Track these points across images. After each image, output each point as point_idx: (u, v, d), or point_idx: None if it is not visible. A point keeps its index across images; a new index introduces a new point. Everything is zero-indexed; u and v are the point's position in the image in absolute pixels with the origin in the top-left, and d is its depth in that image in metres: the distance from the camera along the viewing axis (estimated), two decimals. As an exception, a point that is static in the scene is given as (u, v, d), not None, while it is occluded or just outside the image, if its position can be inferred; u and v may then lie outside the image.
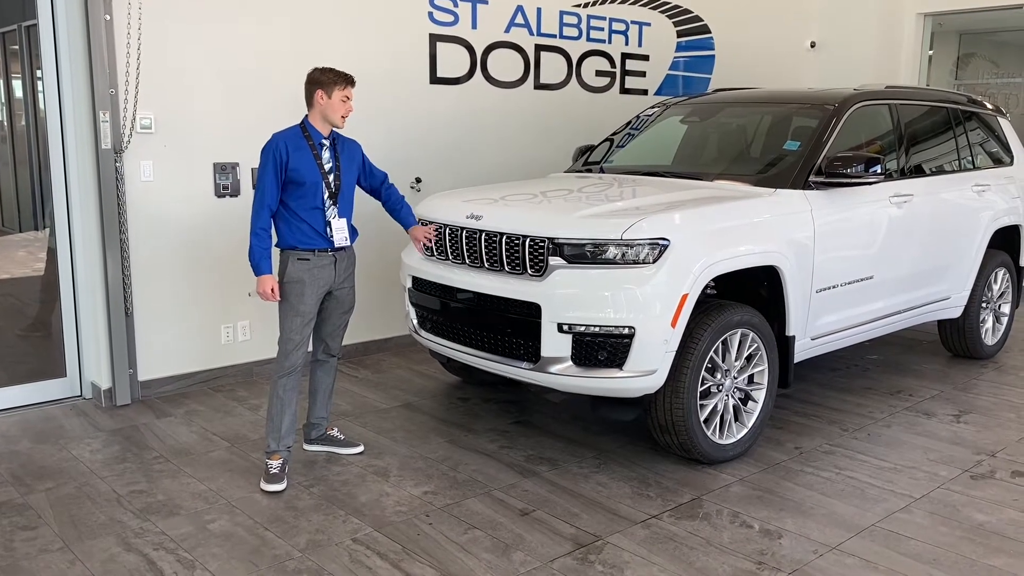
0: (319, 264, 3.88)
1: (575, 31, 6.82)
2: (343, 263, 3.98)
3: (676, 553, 3.31)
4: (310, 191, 3.82)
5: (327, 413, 4.28)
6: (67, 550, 3.28)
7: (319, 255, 3.88)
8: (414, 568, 3.18)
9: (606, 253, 3.83)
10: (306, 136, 3.86)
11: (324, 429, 4.28)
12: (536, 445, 4.39)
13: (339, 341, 4.19)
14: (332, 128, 3.91)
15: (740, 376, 4.20)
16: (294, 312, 3.88)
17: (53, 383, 4.98)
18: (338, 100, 3.84)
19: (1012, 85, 9.07)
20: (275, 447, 3.89)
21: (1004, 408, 5.05)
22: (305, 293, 3.86)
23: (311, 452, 4.24)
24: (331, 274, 3.93)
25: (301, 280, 3.85)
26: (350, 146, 4.06)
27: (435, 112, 6.09)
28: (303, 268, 3.86)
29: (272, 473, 3.85)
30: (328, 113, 3.84)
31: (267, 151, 3.80)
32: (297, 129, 3.89)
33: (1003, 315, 6.18)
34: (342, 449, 4.24)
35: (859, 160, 4.48)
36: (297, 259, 3.86)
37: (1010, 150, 6.18)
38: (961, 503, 3.78)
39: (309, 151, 3.83)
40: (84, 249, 4.86)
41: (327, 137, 3.91)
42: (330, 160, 3.90)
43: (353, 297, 4.13)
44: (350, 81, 3.87)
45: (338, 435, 4.29)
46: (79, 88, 4.69)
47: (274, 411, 3.92)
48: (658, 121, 5.66)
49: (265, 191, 3.79)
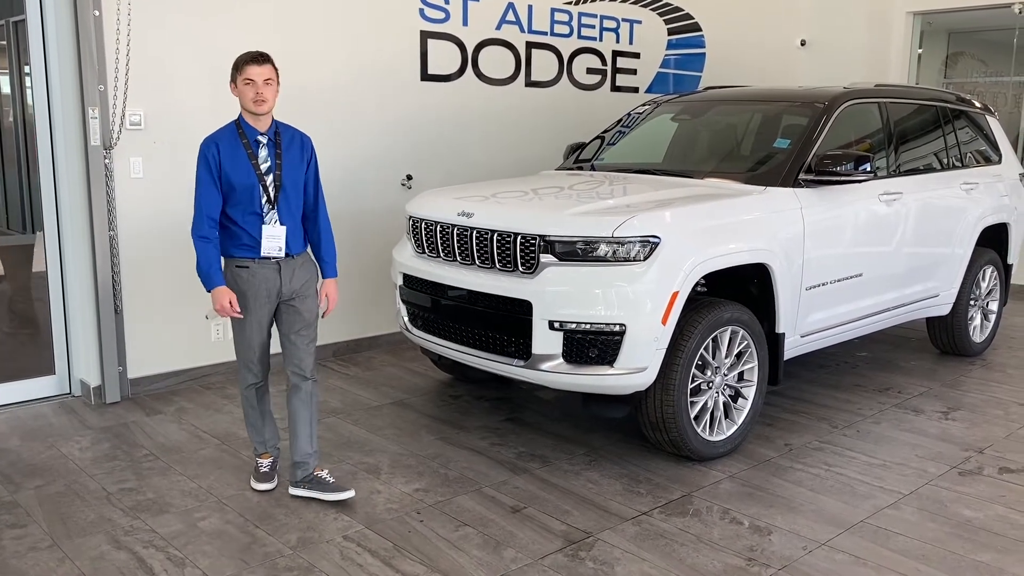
0: (260, 273, 3.52)
1: (566, 28, 6.82)
2: (291, 271, 3.57)
3: (666, 550, 3.32)
4: (244, 195, 3.45)
5: (314, 449, 3.72)
6: (56, 548, 3.27)
7: (260, 263, 3.52)
8: (405, 565, 3.18)
9: (597, 251, 3.84)
10: (240, 134, 3.48)
11: (311, 470, 3.71)
12: (527, 442, 4.39)
13: (308, 360, 3.66)
14: (267, 120, 3.49)
15: (730, 373, 4.21)
16: (240, 328, 3.60)
17: (42, 381, 4.95)
18: (242, 86, 3.41)
19: (1000, 84, 9.12)
20: (262, 449, 3.82)
21: (992, 405, 5.08)
22: (248, 306, 3.54)
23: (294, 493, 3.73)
24: (276, 283, 3.54)
25: (242, 292, 3.53)
26: (300, 141, 3.61)
27: (426, 109, 6.08)
28: (241, 278, 3.53)
29: (263, 472, 3.80)
30: (241, 102, 3.45)
31: (200, 155, 3.46)
32: (232, 127, 3.52)
33: (991, 312, 6.22)
34: (330, 495, 3.64)
35: (848, 158, 4.50)
36: (236, 266, 3.54)
37: (998, 148, 6.22)
38: (949, 499, 3.81)
39: (243, 150, 3.46)
40: (73, 246, 4.84)
41: (264, 132, 3.49)
42: (268, 159, 3.49)
43: (314, 311, 3.66)
44: (249, 60, 3.40)
45: (327, 478, 3.71)
46: (68, 84, 4.66)
47: (251, 418, 3.78)
48: (649, 119, 5.67)
49: (203, 198, 3.44)
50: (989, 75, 9.38)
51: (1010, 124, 8.50)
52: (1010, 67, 8.88)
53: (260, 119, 3.48)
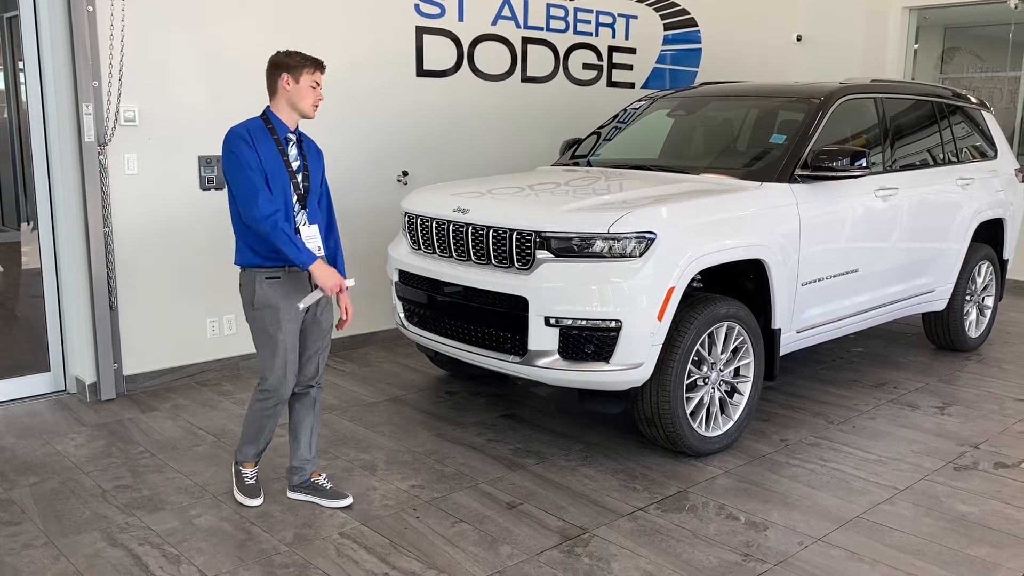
0: (292, 283, 3.36)
1: (562, 24, 6.80)
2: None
3: (662, 545, 3.33)
4: (277, 194, 3.29)
5: (312, 455, 3.66)
6: (51, 545, 3.26)
7: (291, 272, 3.35)
8: (401, 562, 3.18)
9: (593, 247, 3.83)
10: (270, 128, 3.32)
11: (309, 475, 3.65)
12: (523, 438, 4.39)
13: (321, 368, 3.60)
14: (298, 121, 3.41)
15: (726, 369, 4.21)
16: (271, 342, 3.35)
17: (37, 378, 4.94)
18: (307, 86, 3.31)
19: (996, 79, 9.12)
20: (251, 458, 3.62)
21: (987, 400, 5.09)
22: (281, 320, 3.34)
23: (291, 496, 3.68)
24: (309, 291, 3.40)
25: (274, 305, 3.33)
26: (315, 149, 3.53)
27: (422, 105, 6.07)
28: (274, 290, 3.34)
29: (249, 484, 3.60)
30: (296, 101, 3.32)
31: (234, 141, 3.27)
32: (259, 121, 3.34)
33: (986, 308, 6.23)
34: (328, 501, 3.59)
35: (844, 154, 4.50)
36: (266, 279, 3.33)
37: (994, 144, 6.22)
38: (945, 494, 3.81)
39: (274, 146, 3.30)
40: (68, 243, 4.83)
41: (293, 131, 3.39)
42: (297, 157, 3.39)
43: (331, 322, 3.58)
44: (320, 66, 3.35)
45: (325, 483, 3.65)
46: (62, 80, 4.64)
47: (252, 429, 3.55)
48: (645, 114, 5.67)
49: (256, 180, 3.21)
50: (985, 70, 9.38)
51: (1006, 119, 8.50)
52: (1006, 62, 8.88)
53: (292, 118, 3.37)
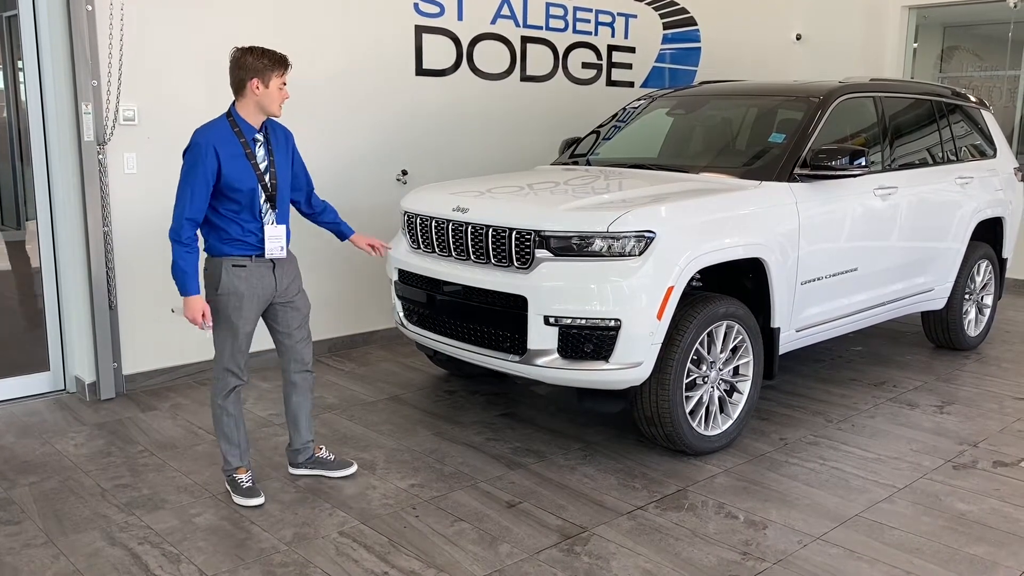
0: (257, 272, 3.45)
1: (561, 23, 6.80)
2: (283, 269, 3.56)
3: (662, 544, 3.33)
4: (246, 198, 3.38)
5: (312, 435, 3.90)
6: (51, 544, 3.27)
7: (256, 261, 3.45)
8: (400, 560, 3.18)
9: (592, 246, 3.84)
10: (236, 132, 3.38)
11: (312, 452, 3.89)
12: (522, 437, 4.40)
13: (309, 353, 3.75)
14: (262, 118, 3.45)
15: (725, 368, 4.21)
16: (231, 329, 3.46)
17: (37, 377, 4.94)
18: (275, 89, 3.37)
19: (995, 78, 9.12)
20: (238, 463, 3.65)
21: (986, 399, 5.10)
22: (243, 307, 3.43)
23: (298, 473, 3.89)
24: (271, 283, 3.50)
25: (237, 292, 3.42)
26: (281, 133, 3.56)
27: (421, 104, 6.07)
28: (239, 277, 3.41)
29: (246, 488, 3.62)
30: (265, 104, 3.38)
31: (193, 155, 3.32)
32: (225, 123, 3.39)
33: (986, 307, 6.23)
34: (333, 472, 3.86)
35: (843, 152, 4.50)
36: (232, 266, 3.41)
37: (993, 143, 6.22)
38: (943, 493, 3.82)
39: (241, 150, 3.37)
40: (67, 242, 4.83)
41: (260, 130, 3.44)
42: (264, 157, 3.44)
43: (308, 305, 3.72)
44: (287, 64, 3.41)
45: (327, 456, 3.92)
46: (61, 79, 4.64)
47: (227, 429, 3.61)
48: (644, 113, 5.67)
49: (190, 202, 3.31)
50: (984, 69, 9.39)
51: (1005, 118, 8.51)
52: (1005, 61, 8.89)
53: (258, 117, 3.43)
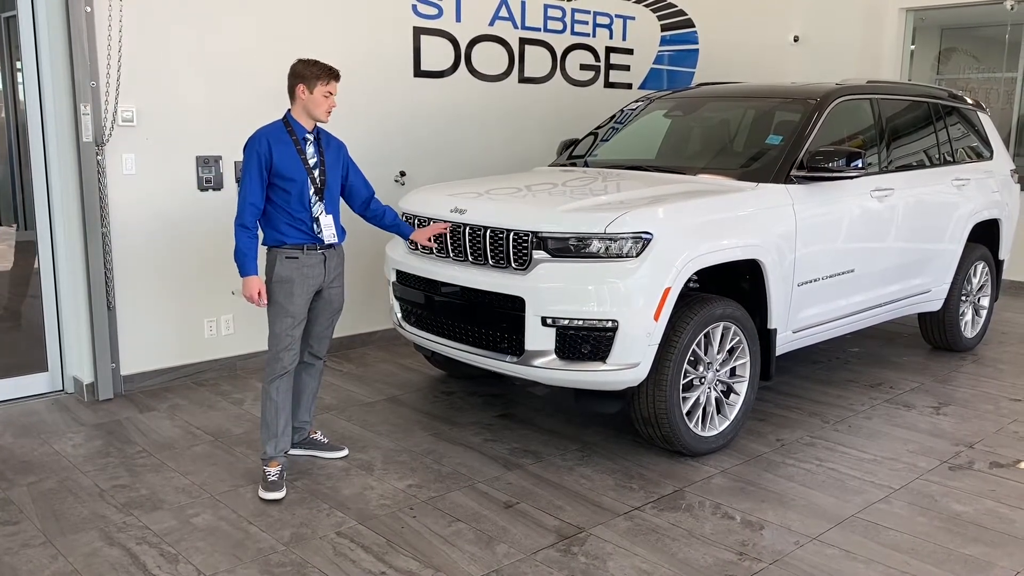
0: (308, 262, 3.77)
1: (559, 24, 6.82)
2: (332, 261, 3.86)
3: (658, 544, 3.34)
4: (296, 188, 3.71)
5: (311, 416, 4.16)
6: (49, 544, 3.27)
7: (308, 252, 3.77)
8: (398, 561, 3.19)
9: (590, 247, 3.85)
10: (289, 131, 3.74)
11: (307, 432, 4.15)
12: (520, 438, 4.40)
13: (326, 343, 4.07)
14: (315, 123, 3.80)
15: (722, 369, 4.22)
16: (284, 313, 3.75)
17: (35, 377, 4.94)
18: (320, 95, 3.71)
19: (992, 80, 9.15)
20: (272, 453, 3.76)
21: (983, 400, 5.11)
22: (295, 293, 3.74)
23: (292, 452, 4.07)
24: (320, 272, 3.81)
25: (290, 279, 3.73)
26: (335, 142, 3.94)
27: (419, 105, 6.08)
28: (292, 266, 3.74)
29: (271, 480, 3.72)
30: (310, 108, 3.73)
31: (249, 148, 3.69)
32: (280, 124, 3.78)
33: (982, 308, 6.25)
34: (325, 453, 4.12)
35: (840, 154, 4.51)
36: (285, 257, 3.74)
37: (990, 144, 6.24)
38: (939, 494, 3.83)
39: (292, 146, 3.72)
40: (66, 243, 4.83)
41: (311, 132, 3.79)
42: (315, 155, 3.78)
43: (343, 297, 4.01)
44: (334, 75, 3.74)
45: (321, 439, 4.18)
46: (59, 80, 4.65)
47: (268, 415, 3.79)
48: (642, 115, 5.68)
49: (249, 189, 3.67)
50: (981, 71, 9.42)
51: (1002, 120, 8.52)
52: (1002, 63, 8.91)
53: (309, 121, 3.78)
